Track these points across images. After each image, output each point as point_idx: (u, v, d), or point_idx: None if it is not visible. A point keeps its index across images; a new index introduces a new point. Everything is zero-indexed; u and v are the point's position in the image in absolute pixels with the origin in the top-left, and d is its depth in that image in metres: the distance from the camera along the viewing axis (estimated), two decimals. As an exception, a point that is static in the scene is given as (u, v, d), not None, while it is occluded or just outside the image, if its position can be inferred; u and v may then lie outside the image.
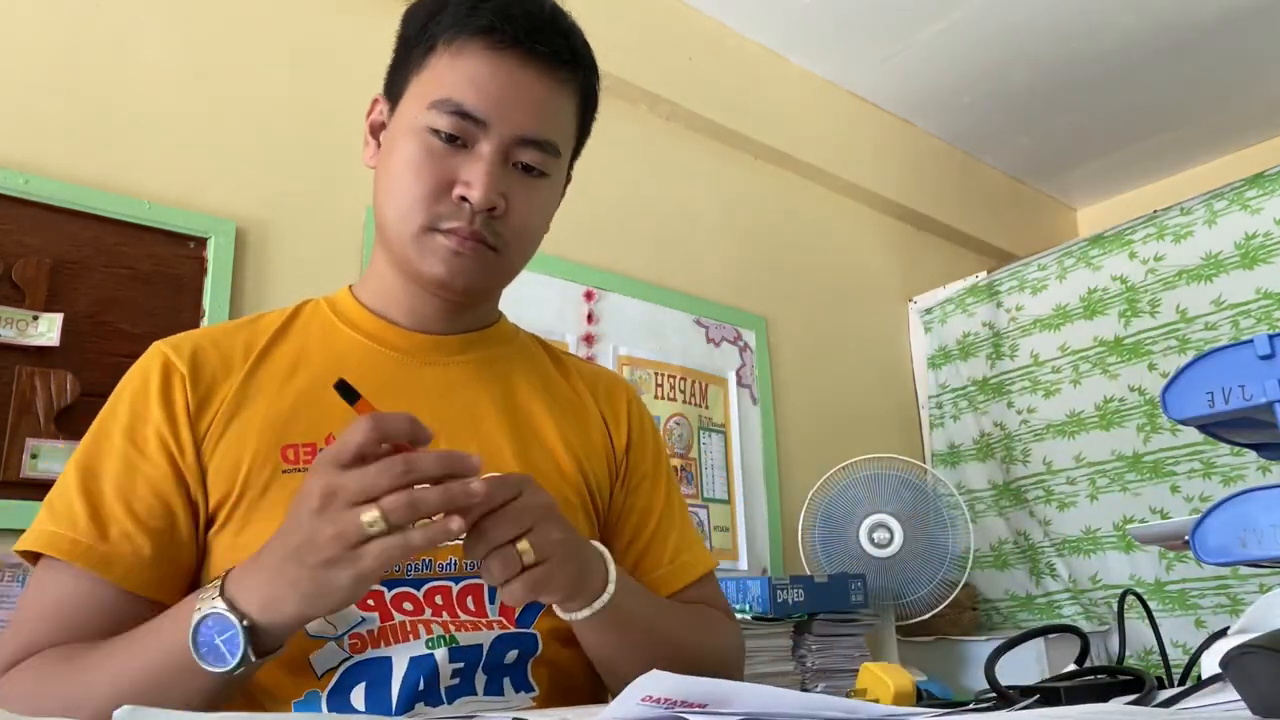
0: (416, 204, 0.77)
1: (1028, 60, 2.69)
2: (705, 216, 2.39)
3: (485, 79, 0.77)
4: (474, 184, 0.76)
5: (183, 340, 0.79)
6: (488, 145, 0.77)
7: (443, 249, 0.77)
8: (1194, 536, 0.66)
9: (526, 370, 0.91)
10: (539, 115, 0.79)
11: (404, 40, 0.83)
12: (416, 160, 0.77)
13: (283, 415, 0.77)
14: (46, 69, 1.48)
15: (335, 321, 0.85)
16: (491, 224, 0.78)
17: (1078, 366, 2.43)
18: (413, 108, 0.78)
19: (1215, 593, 2.13)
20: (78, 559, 0.69)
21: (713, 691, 0.44)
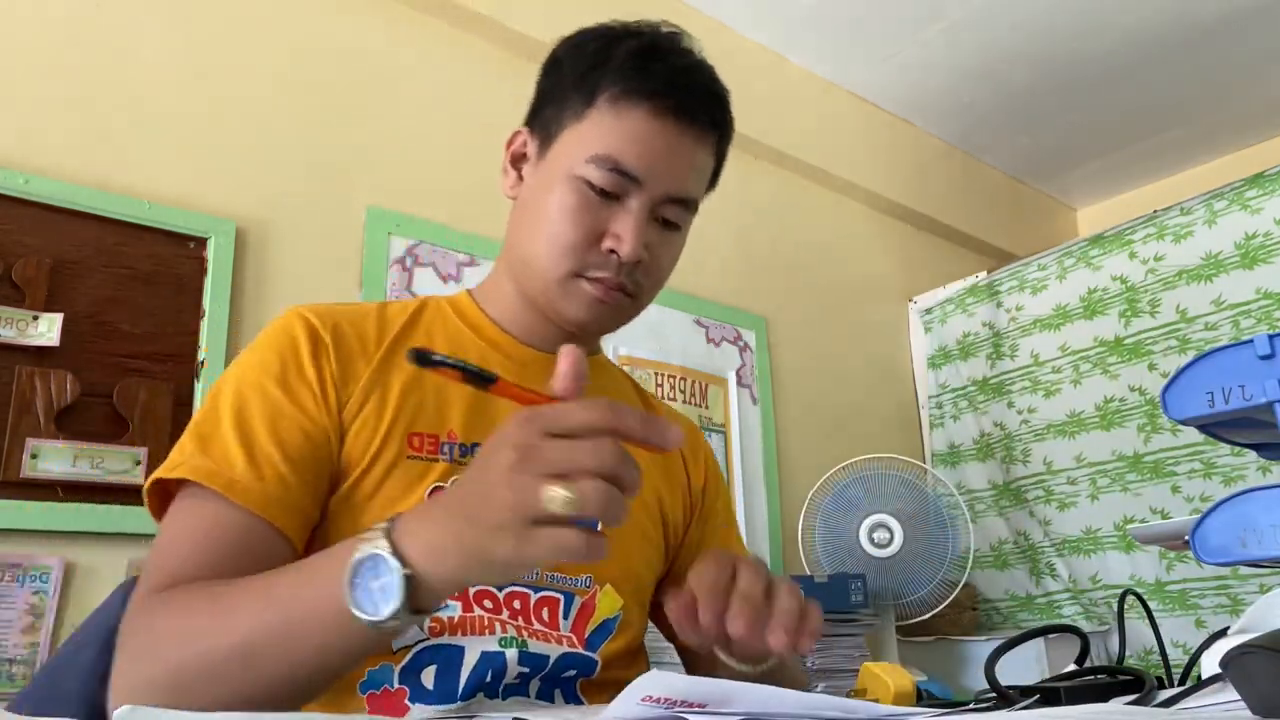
0: (568, 251, 0.80)
1: (1028, 60, 2.69)
2: (705, 216, 2.37)
3: (646, 141, 0.81)
4: (624, 238, 0.80)
5: (321, 312, 0.82)
6: (638, 201, 0.81)
7: (587, 295, 0.82)
8: (1194, 536, 0.66)
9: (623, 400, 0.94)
10: (688, 176, 0.84)
11: (559, 81, 0.85)
12: (571, 208, 0.80)
13: (410, 405, 0.80)
14: (46, 69, 1.48)
15: (459, 324, 0.89)
16: (633, 273, 0.83)
17: (1078, 366, 2.43)
18: (570, 154, 0.82)
19: (1216, 593, 2.13)
20: (235, 495, 0.70)
21: (712, 691, 0.44)
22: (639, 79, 0.81)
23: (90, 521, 1.36)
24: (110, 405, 1.42)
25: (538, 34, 2.06)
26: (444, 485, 0.78)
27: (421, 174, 1.87)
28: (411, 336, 0.85)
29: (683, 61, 0.84)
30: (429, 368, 0.53)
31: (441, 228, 1.86)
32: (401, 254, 1.80)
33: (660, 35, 0.85)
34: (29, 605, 1.31)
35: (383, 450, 0.77)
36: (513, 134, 0.90)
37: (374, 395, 0.79)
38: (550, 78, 0.87)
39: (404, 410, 0.79)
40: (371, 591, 0.54)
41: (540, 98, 0.88)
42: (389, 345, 0.83)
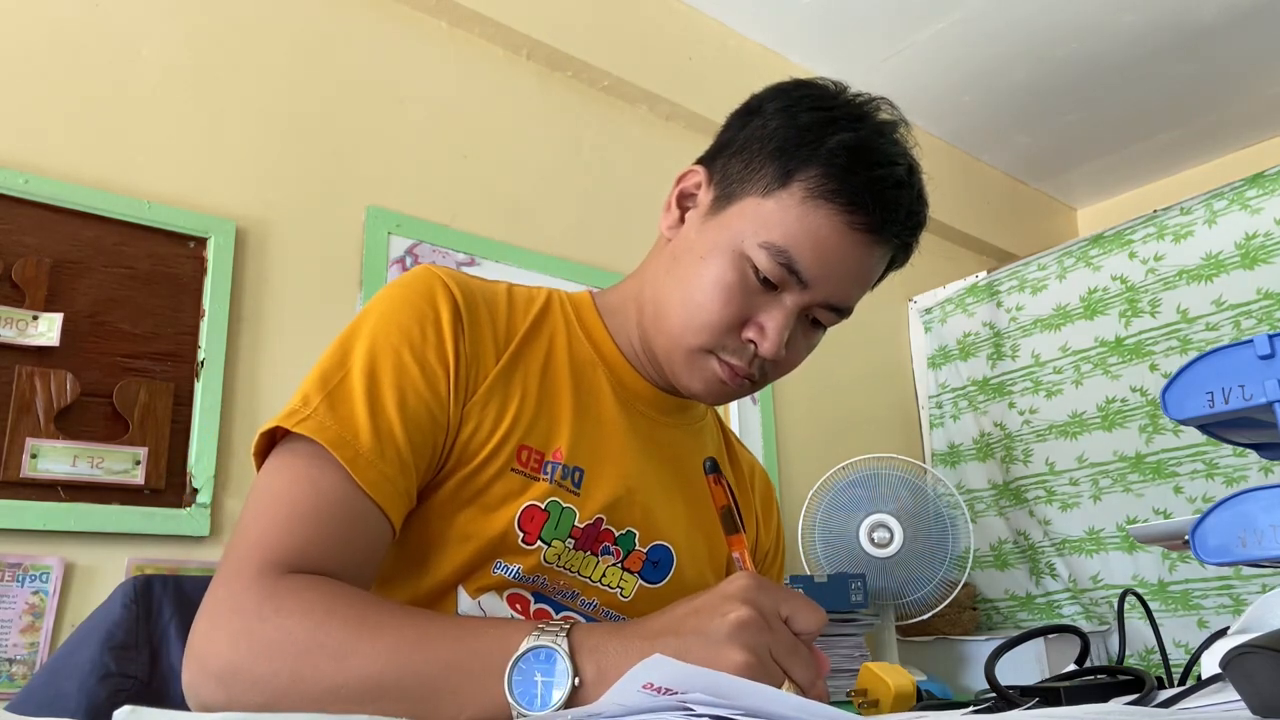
0: (708, 328, 0.77)
1: (1028, 60, 2.69)
2: (705, 216, 2.39)
3: (828, 249, 0.75)
4: (769, 336, 0.76)
5: (462, 282, 0.78)
6: (795, 300, 0.77)
7: (713, 375, 0.79)
8: (1194, 536, 0.66)
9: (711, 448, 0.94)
10: (856, 288, 0.80)
11: (755, 139, 0.79)
12: (728, 286, 0.76)
13: (529, 412, 0.77)
14: (46, 69, 1.48)
15: (580, 334, 0.85)
16: (767, 365, 0.79)
17: (1079, 367, 2.43)
18: (745, 229, 0.76)
19: (1218, 593, 2.13)
20: (360, 472, 0.66)
21: (714, 683, 0.44)
22: (843, 181, 0.75)
23: (90, 521, 1.36)
24: (110, 405, 1.42)
25: (538, 34, 2.06)
26: (539, 505, 0.75)
27: (421, 174, 1.87)
28: (537, 337, 0.81)
29: (893, 175, 0.78)
30: (714, 477, 0.57)
31: (441, 228, 1.86)
32: (401, 254, 1.80)
33: (878, 130, 0.79)
34: (29, 605, 1.31)
35: (494, 456, 0.75)
36: (686, 170, 0.84)
37: (498, 394, 0.76)
38: (746, 129, 0.81)
39: (521, 418, 0.76)
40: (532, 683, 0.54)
41: (728, 143, 0.82)
42: (519, 343, 0.79)
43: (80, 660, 0.85)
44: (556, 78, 2.16)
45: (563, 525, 0.77)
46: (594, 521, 0.79)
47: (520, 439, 0.76)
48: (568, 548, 0.77)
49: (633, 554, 0.81)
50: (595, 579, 0.79)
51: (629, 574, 0.81)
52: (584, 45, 2.15)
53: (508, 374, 0.77)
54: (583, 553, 0.79)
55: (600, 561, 0.80)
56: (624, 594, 0.81)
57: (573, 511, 0.77)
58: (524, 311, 0.82)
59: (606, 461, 0.80)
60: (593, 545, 0.79)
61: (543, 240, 2.02)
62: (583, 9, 2.19)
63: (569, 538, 0.77)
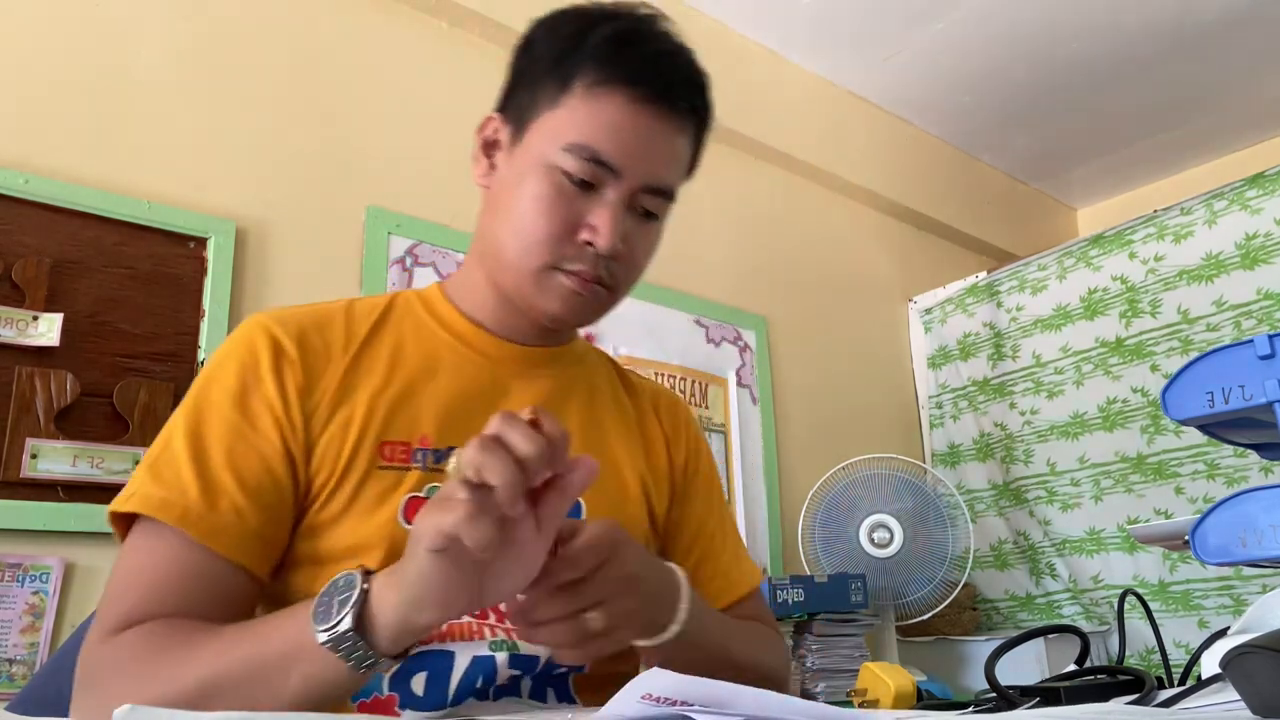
0: (542, 243, 0.78)
1: (1028, 60, 2.69)
2: (705, 216, 2.39)
3: (624, 130, 0.77)
4: (601, 230, 0.77)
5: (286, 318, 0.80)
6: (615, 192, 0.78)
7: (563, 288, 0.79)
8: (1194, 536, 0.66)
9: (602, 389, 0.93)
10: (667, 166, 0.81)
11: (530, 65, 0.82)
12: (546, 199, 0.77)
13: (381, 411, 0.78)
14: (46, 69, 1.48)
15: (429, 320, 0.86)
16: (610, 265, 0.79)
17: (1080, 367, 2.43)
18: (544, 144, 0.78)
19: (1219, 593, 2.13)
20: (190, 527, 0.68)
21: (714, 692, 0.44)
22: (617, 65, 0.77)
23: (90, 521, 1.35)
24: (110, 405, 1.42)
25: (538, 34, 2.06)
26: (419, 495, 0.76)
27: (421, 174, 1.87)
28: (379, 337, 0.82)
29: (662, 47, 0.80)
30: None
31: (441, 228, 1.86)
32: (401, 254, 1.80)
33: (639, 18, 0.81)
34: (29, 605, 1.31)
35: (353, 461, 0.75)
36: (484, 120, 0.86)
37: (343, 404, 0.77)
38: (523, 61, 0.84)
39: (374, 417, 0.77)
40: (332, 606, 0.59)
41: (513, 82, 0.84)
42: (358, 348, 0.80)
43: (80, 660, 0.85)
44: (556, 78, 2.16)
45: None
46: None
47: (378, 436, 0.76)
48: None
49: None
50: None
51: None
52: (584, 45, 2.15)
53: (349, 382, 0.78)
54: None
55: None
56: None
57: None
58: (364, 319, 0.83)
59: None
60: None
61: (543, 240, 2.02)
62: (583, 9, 2.19)
63: None
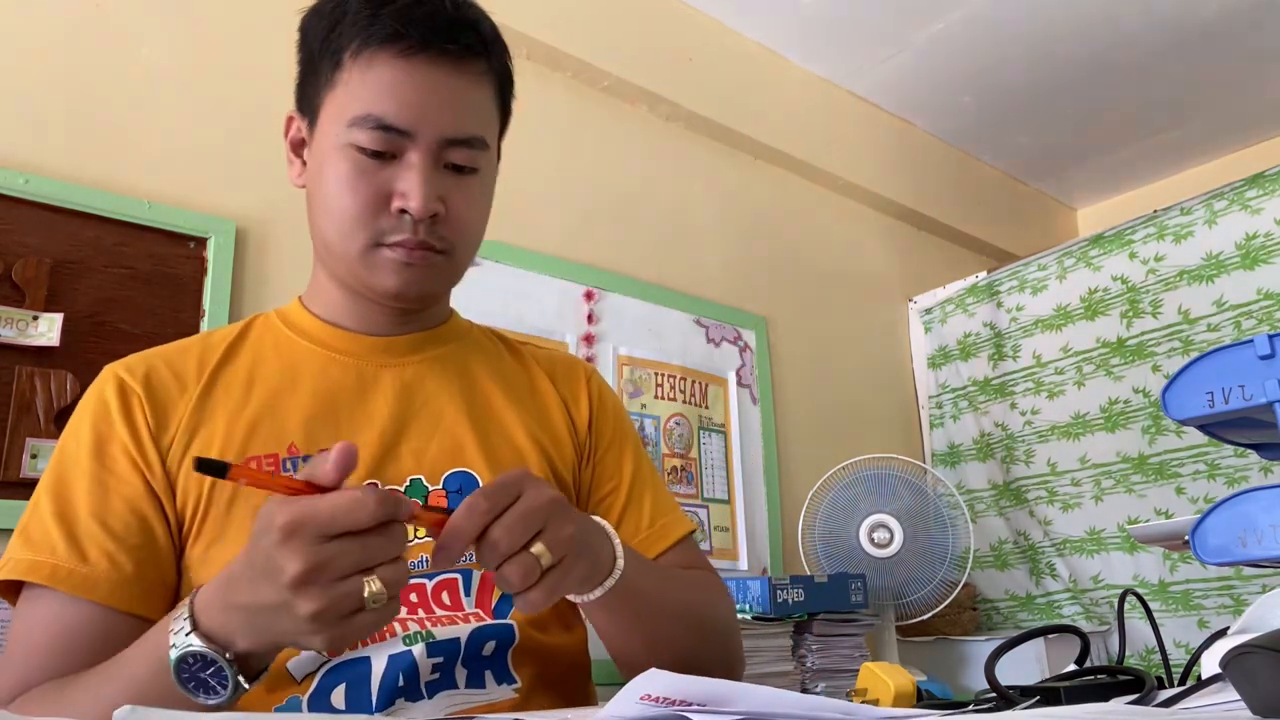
0: (357, 223, 0.76)
1: (1028, 60, 2.69)
2: (705, 216, 2.39)
3: (401, 88, 0.75)
4: (410, 195, 0.75)
5: (135, 361, 0.80)
6: (416, 154, 0.76)
7: (391, 262, 0.77)
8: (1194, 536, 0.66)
9: (482, 363, 0.91)
10: (462, 114, 0.78)
11: (308, 54, 0.82)
12: (348, 179, 0.76)
13: (242, 429, 0.77)
14: (46, 69, 1.48)
15: (287, 333, 0.85)
16: (435, 229, 0.78)
17: (1081, 368, 2.43)
18: (333, 126, 0.77)
19: (1219, 593, 2.13)
20: (60, 584, 0.68)
21: (712, 691, 0.44)
22: (376, 26, 0.75)
23: (90, 521, 1.35)
24: (110, 405, 1.41)
25: (538, 34, 2.06)
26: None
27: (421, 174, 1.87)
28: (234, 360, 0.82)
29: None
30: (205, 473, 0.54)
31: (441, 228, 1.86)
32: (401, 254, 1.80)
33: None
34: (29, 605, 1.31)
35: (218, 486, 0.74)
36: (286, 121, 0.86)
37: (200, 431, 0.76)
38: (302, 52, 0.83)
39: (234, 437, 0.76)
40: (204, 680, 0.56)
41: (300, 75, 0.84)
42: (209, 375, 0.79)
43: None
44: (556, 78, 2.16)
45: None
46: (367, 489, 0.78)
47: (241, 454, 0.75)
48: None
49: (431, 495, 0.80)
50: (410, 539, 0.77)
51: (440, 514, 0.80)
52: (584, 45, 2.15)
53: (202, 409, 0.77)
54: None
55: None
56: None
57: None
58: (219, 345, 0.83)
59: (354, 432, 0.79)
60: None
61: (543, 240, 2.02)
62: (583, 9, 2.19)
63: None
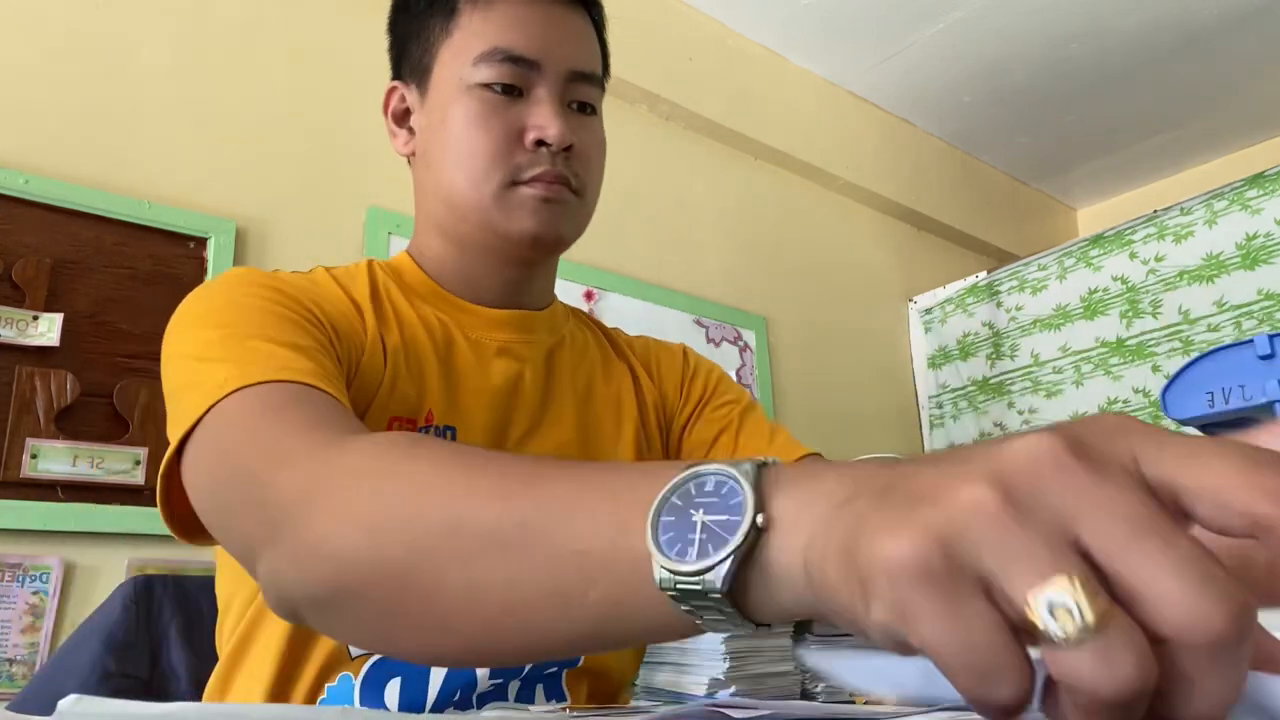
0: (493, 161, 0.73)
1: (1028, 60, 2.69)
2: (705, 216, 2.39)
3: (525, 21, 0.75)
4: (548, 124, 0.73)
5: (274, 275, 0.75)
6: (544, 88, 0.75)
7: (531, 200, 0.74)
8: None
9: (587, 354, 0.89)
10: (582, 48, 0.79)
11: (412, 18, 0.80)
12: (481, 116, 0.73)
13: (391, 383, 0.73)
14: (47, 69, 1.48)
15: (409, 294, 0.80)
16: (571, 164, 0.76)
17: (1080, 367, 2.43)
18: (454, 70, 0.75)
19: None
20: (295, 375, 0.57)
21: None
22: None
23: (90, 521, 1.36)
24: (110, 405, 1.42)
25: (538, 34, 2.06)
26: None
27: (422, 174, 1.87)
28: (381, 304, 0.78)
29: None
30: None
31: (442, 228, 1.86)
32: (402, 254, 1.80)
33: None
34: (29, 605, 1.31)
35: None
36: (386, 93, 0.83)
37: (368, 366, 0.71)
38: (401, 22, 0.82)
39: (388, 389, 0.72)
40: (689, 524, 0.32)
41: (399, 46, 0.82)
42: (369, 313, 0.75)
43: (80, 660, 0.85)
44: (556, 78, 2.16)
45: None
46: None
47: (386, 411, 0.72)
48: None
49: None
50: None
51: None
52: (584, 45, 2.15)
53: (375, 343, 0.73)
54: None
55: None
56: None
57: None
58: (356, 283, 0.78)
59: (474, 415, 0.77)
60: None
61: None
62: (583, 9, 2.19)
63: None
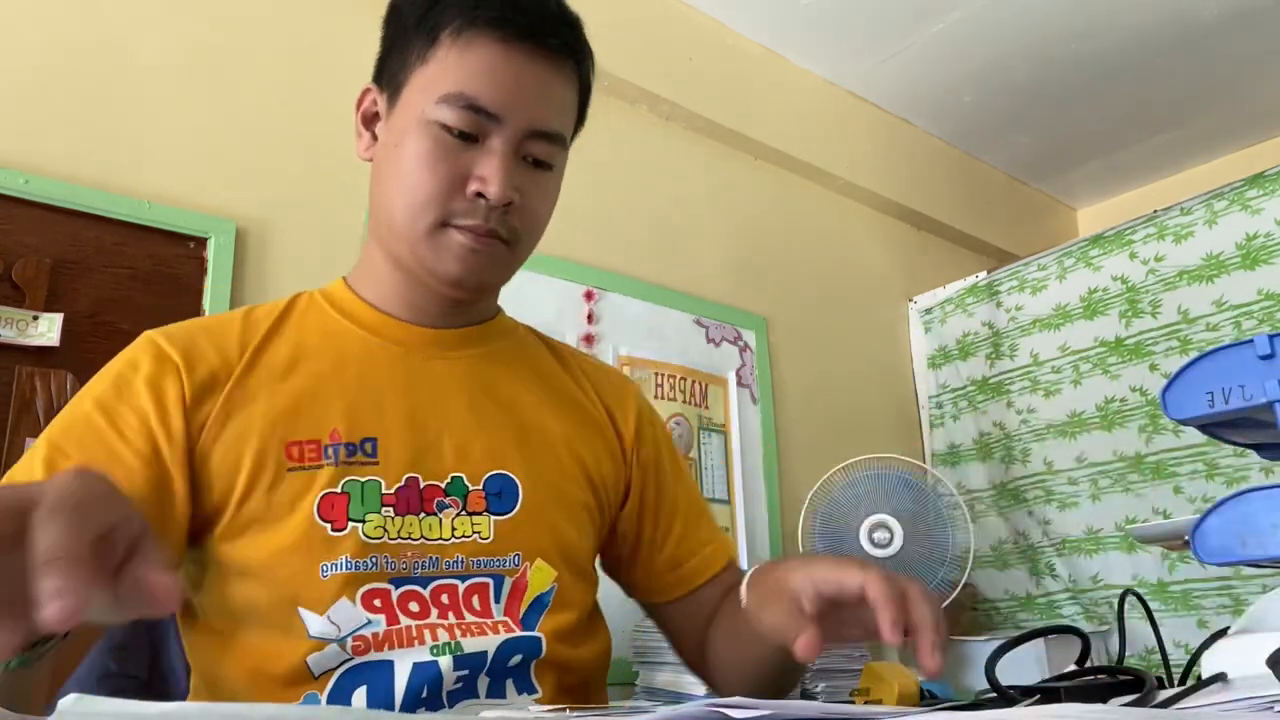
0: (431, 201, 0.75)
1: (1028, 60, 2.69)
2: (705, 216, 2.39)
3: (498, 72, 0.75)
4: (490, 180, 0.74)
5: (175, 330, 0.78)
6: (500, 140, 0.76)
7: (458, 246, 0.76)
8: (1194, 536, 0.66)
9: (527, 365, 0.90)
10: (549, 107, 0.78)
11: (400, 27, 0.81)
12: (430, 156, 0.75)
13: (285, 412, 0.75)
14: (46, 69, 1.48)
15: (334, 315, 0.83)
16: (506, 219, 0.77)
17: (1078, 367, 2.42)
18: (419, 100, 0.76)
19: (1218, 593, 2.13)
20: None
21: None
22: (481, 8, 0.75)
23: (90, 521, 1.35)
24: (110, 405, 1.41)
25: (538, 34, 2.06)
26: (334, 490, 0.73)
27: (421, 174, 1.87)
28: (277, 339, 0.80)
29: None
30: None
31: (442, 228, 1.86)
32: (401, 254, 1.80)
33: None
34: (29, 605, 1.30)
35: (259, 469, 0.72)
36: (361, 93, 0.85)
37: (239, 411, 0.74)
38: (392, 27, 0.82)
39: (274, 420, 0.74)
40: None
41: (385, 50, 0.83)
42: (253, 352, 0.77)
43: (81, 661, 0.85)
44: (556, 78, 2.16)
45: (369, 499, 0.75)
46: (408, 483, 0.77)
47: (283, 438, 0.74)
48: (388, 517, 0.75)
49: (470, 495, 0.79)
50: (448, 537, 0.77)
51: (478, 515, 0.78)
52: (584, 45, 2.15)
53: (244, 386, 0.75)
54: (415, 517, 0.76)
55: (443, 519, 0.77)
56: (482, 536, 0.78)
57: (376, 482, 0.75)
58: (262, 322, 0.81)
59: (399, 421, 0.78)
60: (424, 506, 0.77)
61: (542, 240, 2.02)
62: (583, 9, 2.18)
63: (384, 507, 0.75)
